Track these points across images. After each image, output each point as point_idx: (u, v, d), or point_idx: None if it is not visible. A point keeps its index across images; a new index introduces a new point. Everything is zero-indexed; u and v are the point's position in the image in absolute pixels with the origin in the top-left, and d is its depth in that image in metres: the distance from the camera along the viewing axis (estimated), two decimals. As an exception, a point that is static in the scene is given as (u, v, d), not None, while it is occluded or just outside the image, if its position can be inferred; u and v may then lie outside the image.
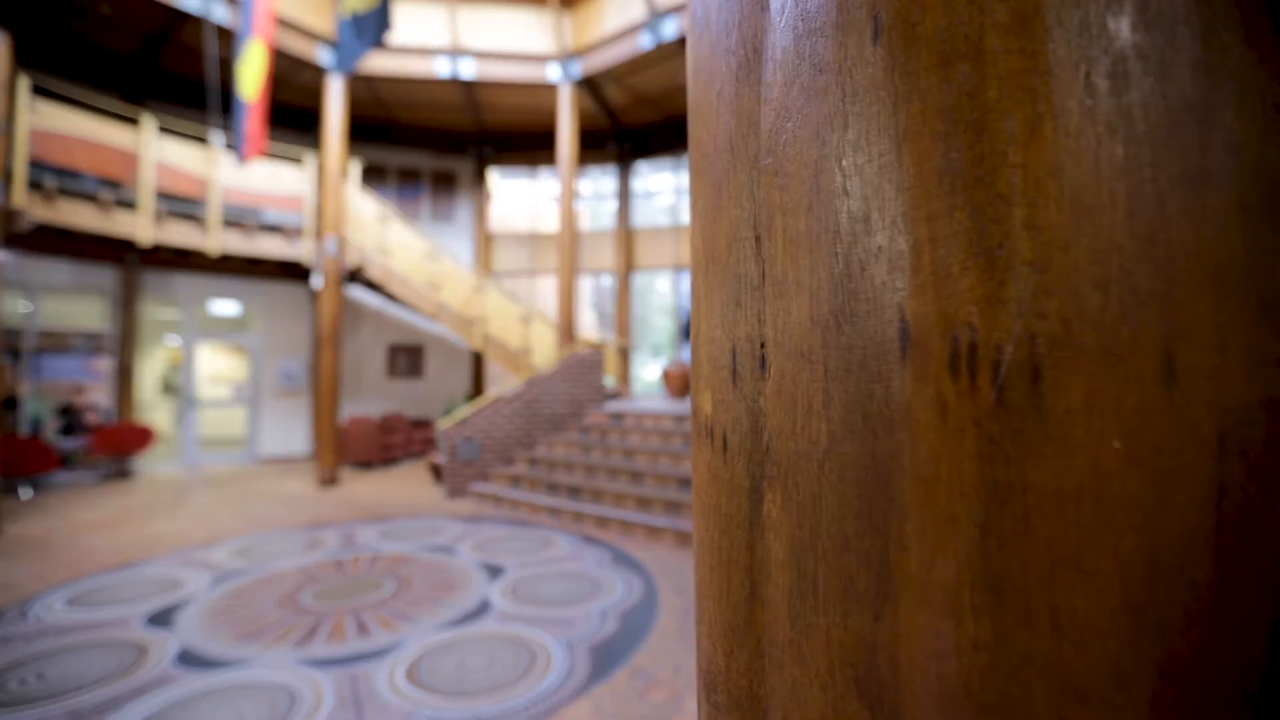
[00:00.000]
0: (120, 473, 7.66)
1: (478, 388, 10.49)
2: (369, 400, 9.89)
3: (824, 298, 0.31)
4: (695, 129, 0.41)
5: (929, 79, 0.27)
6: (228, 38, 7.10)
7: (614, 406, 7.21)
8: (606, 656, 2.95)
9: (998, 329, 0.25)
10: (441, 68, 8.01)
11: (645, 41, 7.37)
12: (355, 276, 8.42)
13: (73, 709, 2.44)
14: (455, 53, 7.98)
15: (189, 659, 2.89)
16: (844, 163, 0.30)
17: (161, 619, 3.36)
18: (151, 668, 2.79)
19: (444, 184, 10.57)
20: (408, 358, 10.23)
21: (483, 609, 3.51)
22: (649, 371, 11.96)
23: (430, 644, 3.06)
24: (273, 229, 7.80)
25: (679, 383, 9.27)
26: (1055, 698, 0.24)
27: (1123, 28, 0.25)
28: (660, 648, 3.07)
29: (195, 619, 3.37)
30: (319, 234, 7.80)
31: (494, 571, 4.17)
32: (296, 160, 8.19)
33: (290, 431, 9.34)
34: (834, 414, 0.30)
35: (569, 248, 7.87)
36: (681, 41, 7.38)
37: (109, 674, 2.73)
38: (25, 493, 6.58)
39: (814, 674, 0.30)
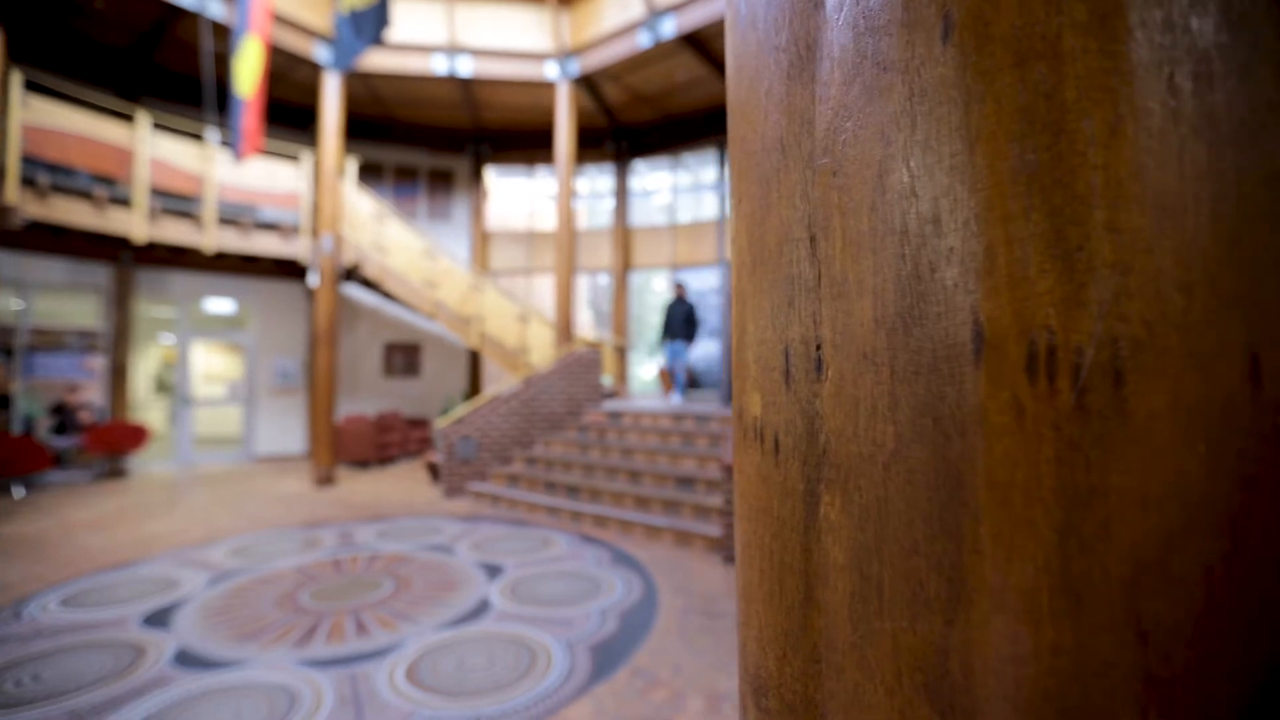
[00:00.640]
0: (114, 472, 7.60)
1: (474, 387, 10.46)
2: (365, 399, 9.84)
3: (889, 299, 0.31)
4: (738, 127, 0.41)
5: (1004, 79, 0.27)
6: (224, 34, 7.05)
7: (611, 405, 7.20)
8: (607, 656, 2.95)
9: (1078, 331, 0.25)
10: (439, 65, 7.98)
11: (643, 40, 7.36)
12: (352, 275, 8.37)
13: (71, 710, 2.42)
14: (453, 50, 7.95)
15: (187, 659, 2.87)
16: (911, 163, 0.30)
17: (159, 619, 3.34)
18: (149, 668, 2.77)
19: (441, 182, 10.53)
20: (404, 356, 10.19)
21: (482, 609, 3.50)
22: (646, 370, 11.96)
23: (430, 644, 3.05)
24: (269, 227, 7.75)
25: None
26: (1139, 703, 0.24)
27: (1206, 27, 0.25)
28: (660, 647, 3.07)
29: (193, 619, 3.34)
30: (315, 232, 7.76)
31: (493, 571, 4.15)
32: (293, 158, 8.14)
33: (285, 430, 9.29)
34: (901, 417, 0.30)
35: (567, 246, 7.85)
36: (680, 40, 7.37)
37: (106, 675, 2.70)
38: (18, 492, 6.52)
39: (879, 679, 0.30)
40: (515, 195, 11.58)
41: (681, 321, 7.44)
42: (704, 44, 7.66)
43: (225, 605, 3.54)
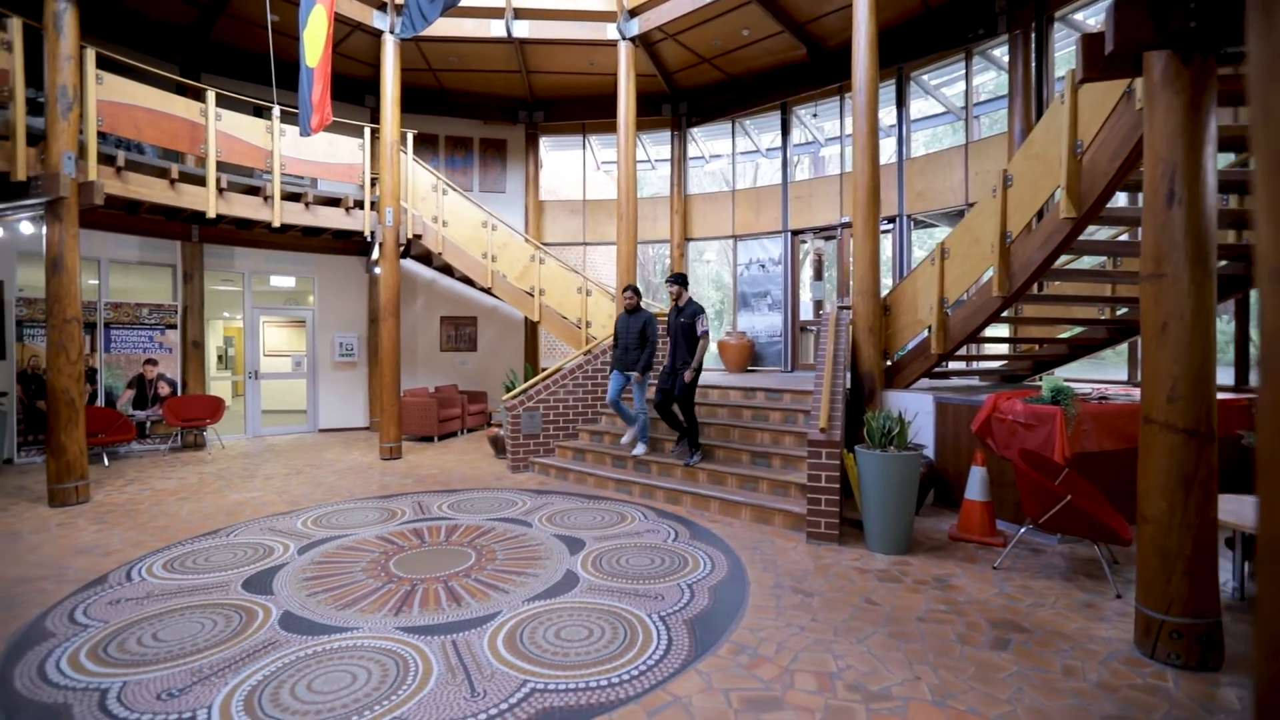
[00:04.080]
0: (190, 443, 7.89)
1: (531, 359, 10.45)
2: (423, 373, 9.96)
3: None
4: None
5: None
6: (279, 5, 7.00)
7: (674, 379, 7.02)
8: (705, 631, 2.86)
9: None
10: (496, 28, 7.79)
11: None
12: (410, 249, 8.37)
13: (194, 669, 2.46)
14: (509, 12, 7.74)
15: (292, 623, 2.90)
16: None
17: (258, 584, 3.40)
18: (259, 631, 2.81)
19: (494, 152, 10.40)
20: (461, 329, 10.24)
21: (570, 581, 3.46)
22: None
23: (525, 614, 3.02)
24: (331, 200, 7.78)
25: (737, 354, 9.04)
26: None
27: None
28: (758, 624, 2.97)
29: (290, 584, 3.39)
30: (376, 204, 7.76)
31: (573, 544, 4.11)
32: (354, 130, 8.12)
33: (347, 404, 9.49)
34: None
35: (629, 215, 7.62)
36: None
37: (220, 636, 2.75)
38: (103, 461, 6.82)
39: None
40: (570, 164, 11.37)
41: (634, 344, 5.63)
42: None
43: (319, 572, 3.58)
